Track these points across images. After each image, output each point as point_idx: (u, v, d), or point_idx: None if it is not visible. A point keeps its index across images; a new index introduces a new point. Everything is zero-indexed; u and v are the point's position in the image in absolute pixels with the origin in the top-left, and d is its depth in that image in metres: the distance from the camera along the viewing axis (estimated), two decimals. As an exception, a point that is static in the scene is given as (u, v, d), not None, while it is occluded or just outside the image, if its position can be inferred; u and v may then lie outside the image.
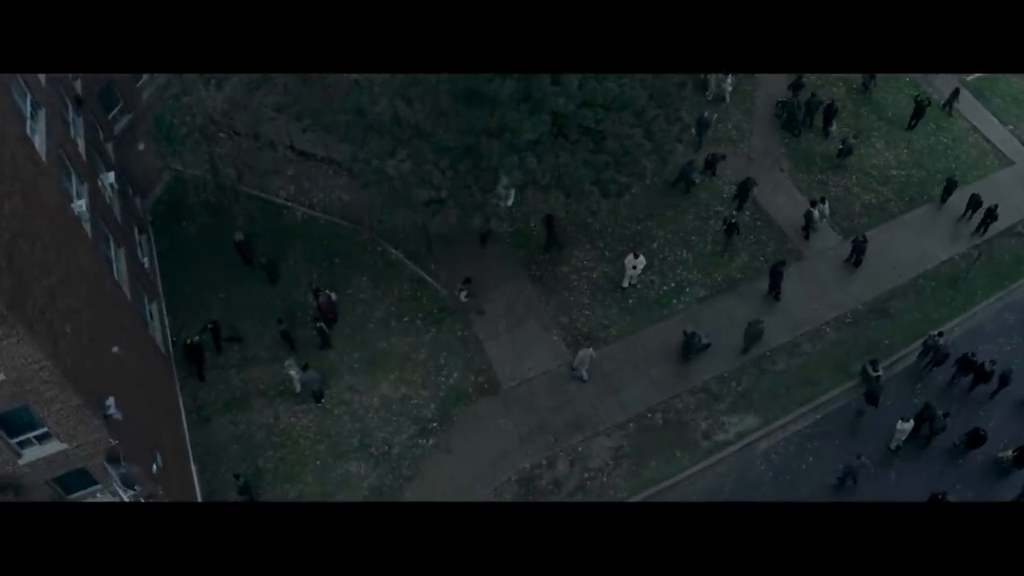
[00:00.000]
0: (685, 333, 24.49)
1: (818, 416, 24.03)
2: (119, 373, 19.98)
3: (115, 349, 19.96)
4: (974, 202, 27.87)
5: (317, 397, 24.45)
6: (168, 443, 22.40)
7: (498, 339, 25.55)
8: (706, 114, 29.32)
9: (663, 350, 25.06)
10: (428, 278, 26.85)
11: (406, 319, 26.12)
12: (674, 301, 26.12)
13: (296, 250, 27.72)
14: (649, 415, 24.04)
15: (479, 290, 26.10)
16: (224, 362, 25.57)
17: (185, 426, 24.39)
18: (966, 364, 24.16)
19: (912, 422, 22.83)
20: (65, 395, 16.56)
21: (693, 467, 23.10)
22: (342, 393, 24.77)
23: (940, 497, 21.12)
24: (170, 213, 28.90)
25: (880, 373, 24.05)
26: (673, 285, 26.38)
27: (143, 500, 19.80)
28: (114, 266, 23.21)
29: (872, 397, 23.49)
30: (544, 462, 23.37)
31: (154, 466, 20.10)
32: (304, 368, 24.01)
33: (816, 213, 27.02)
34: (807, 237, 27.45)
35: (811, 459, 23.17)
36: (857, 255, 26.60)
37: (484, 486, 22.99)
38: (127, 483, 19.05)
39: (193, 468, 23.64)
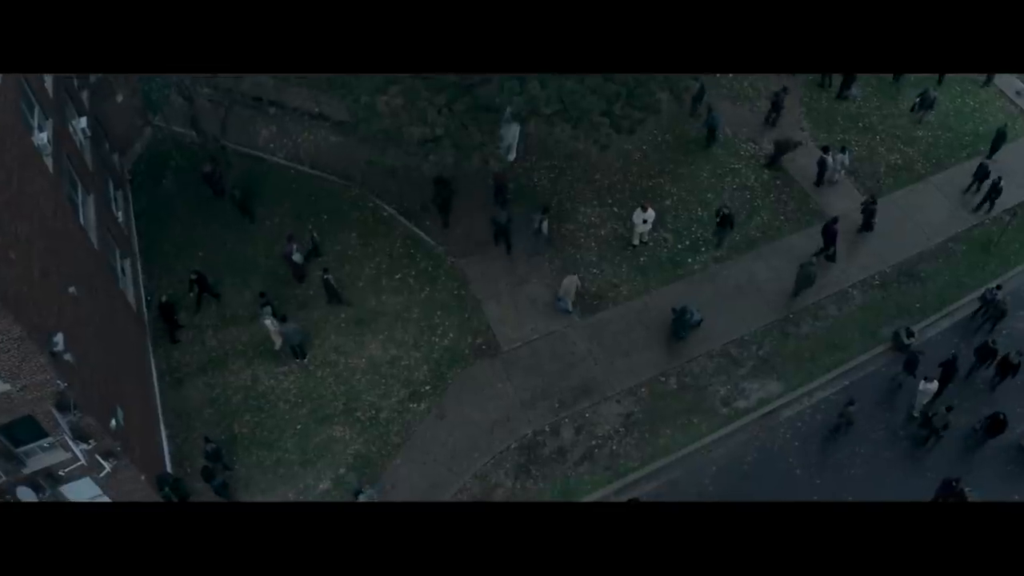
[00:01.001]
0: (674, 310, 22.09)
1: (846, 383, 21.99)
2: (76, 316, 17.94)
3: (71, 289, 17.91)
4: (981, 172, 25.64)
5: (299, 354, 22.36)
6: (135, 404, 20.32)
7: (498, 299, 23.52)
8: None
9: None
10: (423, 235, 24.84)
11: (398, 277, 24.08)
12: (689, 260, 24.13)
13: (283, 207, 25.69)
14: (662, 379, 21.99)
15: (478, 248, 24.16)
16: (200, 322, 23.50)
17: (156, 389, 22.31)
18: (986, 352, 21.67)
19: (936, 383, 20.82)
20: (5, 323, 14.50)
21: (711, 435, 21.02)
22: (327, 354, 22.69)
23: (954, 485, 18.90)
24: (150, 172, 26.90)
25: (914, 340, 22.11)
26: (687, 243, 24.40)
27: (100, 457, 17.69)
28: (80, 210, 21.32)
29: (911, 365, 21.37)
30: (547, 429, 21.27)
31: (113, 421, 17.97)
32: (282, 320, 21.95)
33: (829, 161, 25.13)
34: (818, 184, 25.65)
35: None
36: (866, 219, 24.60)
37: (481, 454, 20.89)
38: (79, 435, 16.93)
39: (163, 432, 21.55)
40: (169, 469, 20.70)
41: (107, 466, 17.91)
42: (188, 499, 20.22)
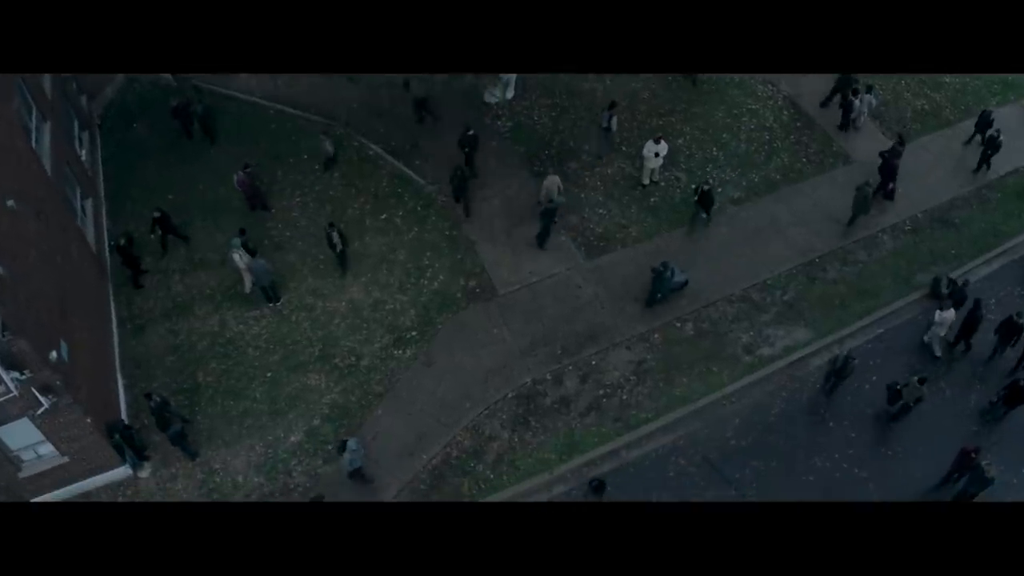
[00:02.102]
0: (654, 269, 19.44)
1: (880, 331, 19.84)
2: (15, 232, 15.77)
3: (9, 203, 15.68)
4: (984, 121, 23.04)
5: (271, 297, 20.08)
6: (88, 346, 18.01)
7: (493, 241, 21.31)
8: None
9: (692, 253, 20.93)
10: (411, 174, 22.65)
11: (383, 217, 21.85)
12: (704, 201, 22.07)
13: (261, 148, 23.41)
14: (677, 325, 19.79)
15: (472, 187, 22.03)
16: (167, 266, 21.20)
17: (116, 336, 19.99)
18: (1012, 328, 18.77)
19: (952, 312, 18.70)
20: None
21: (734, 384, 18.81)
22: (302, 297, 20.40)
23: (972, 455, 16.54)
24: (121, 118, 24.60)
25: (957, 286, 19.99)
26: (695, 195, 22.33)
27: (37, 392, 15.33)
28: (33, 135, 19.23)
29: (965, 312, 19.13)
30: (549, 377, 19.01)
31: (54, 353, 15.63)
32: (252, 254, 19.70)
33: (856, 102, 23.12)
34: (843, 128, 23.65)
35: (874, 378, 18.93)
36: (886, 172, 22.07)
37: (474, 404, 18.60)
38: (9, 362, 14.60)
39: (119, 381, 19.20)
40: (125, 419, 18.35)
41: (45, 402, 15.53)
42: (142, 451, 17.93)
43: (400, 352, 19.40)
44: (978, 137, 23.42)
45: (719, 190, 22.01)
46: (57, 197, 19.24)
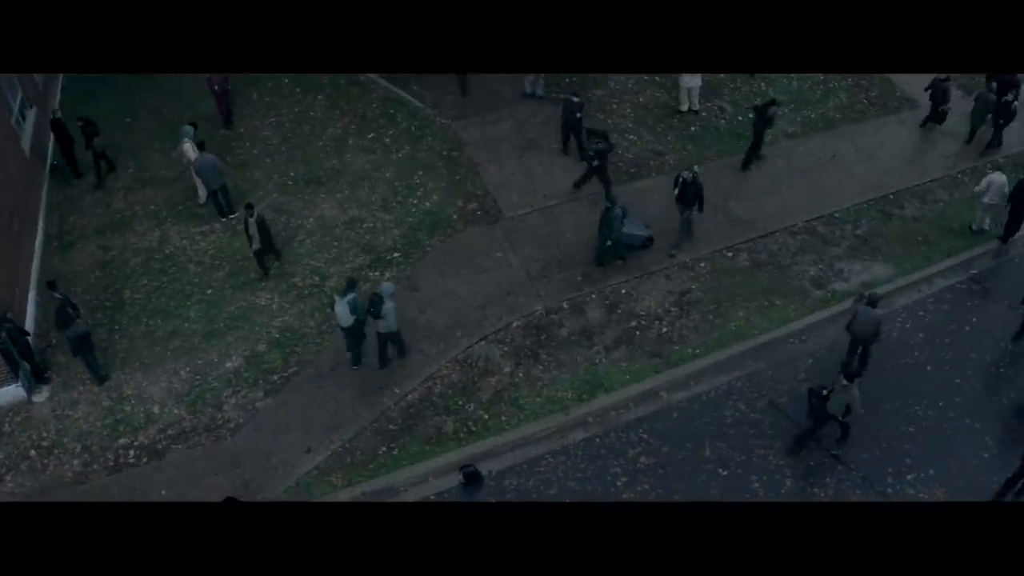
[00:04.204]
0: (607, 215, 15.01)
1: (974, 271, 15.87)
2: None
3: None
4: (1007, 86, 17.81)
5: (224, 210, 16.31)
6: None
7: (500, 163, 17.64)
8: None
9: (742, 182, 17.23)
10: (408, 97, 19.21)
11: (370, 136, 18.29)
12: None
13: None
14: (729, 254, 15.84)
15: (477, 112, 18.56)
16: (112, 184, 17.53)
17: (38, 251, 16.20)
18: None
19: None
20: None
21: (803, 319, 14.69)
22: (264, 213, 16.57)
23: None
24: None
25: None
26: (751, 116, 18.82)
27: None
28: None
29: None
30: (566, 306, 14.93)
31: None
32: (200, 146, 16.07)
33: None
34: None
35: (975, 320, 14.81)
36: (934, 109, 18.48)
37: (467, 334, 14.45)
38: None
39: (31, 294, 15.23)
40: (32, 335, 14.26)
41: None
42: (42, 371, 13.95)
43: (376, 274, 15.40)
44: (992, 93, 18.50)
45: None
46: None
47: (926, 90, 18.62)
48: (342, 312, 13.11)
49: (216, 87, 18.15)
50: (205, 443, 13.14)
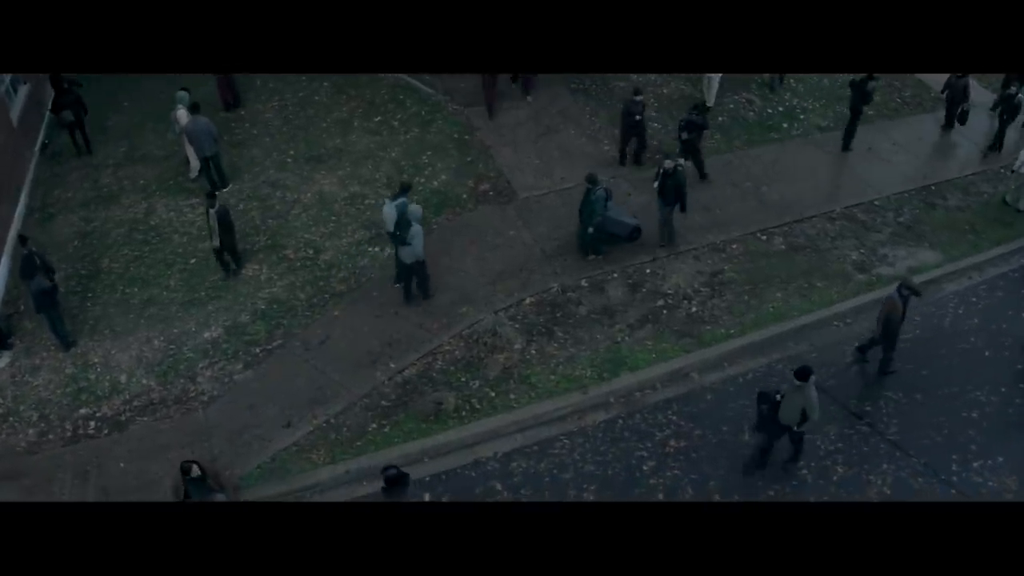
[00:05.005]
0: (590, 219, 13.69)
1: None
2: None
3: None
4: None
5: (215, 180, 15.12)
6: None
7: (515, 146, 16.53)
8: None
9: (774, 168, 16.03)
10: (418, 84, 18.27)
11: (377, 119, 17.25)
12: (785, 125, 17.30)
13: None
14: (763, 237, 14.51)
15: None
16: (102, 161, 16.49)
17: (16, 220, 15.05)
18: None
19: None
20: None
21: (846, 301, 13.26)
22: (258, 188, 15.45)
23: None
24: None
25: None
26: (781, 110, 17.73)
27: None
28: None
29: None
30: (585, 284, 13.55)
31: None
32: (193, 108, 15.00)
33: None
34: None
35: (1036, 310, 13.38)
36: (950, 108, 17.21)
37: (474, 308, 13.04)
38: None
39: (4, 260, 13.96)
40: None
41: None
42: (5, 336, 12.64)
43: (376, 250, 14.12)
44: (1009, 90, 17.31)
45: (802, 117, 17.51)
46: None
47: (942, 92, 17.52)
48: (389, 214, 12.62)
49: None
50: (174, 415, 11.64)
